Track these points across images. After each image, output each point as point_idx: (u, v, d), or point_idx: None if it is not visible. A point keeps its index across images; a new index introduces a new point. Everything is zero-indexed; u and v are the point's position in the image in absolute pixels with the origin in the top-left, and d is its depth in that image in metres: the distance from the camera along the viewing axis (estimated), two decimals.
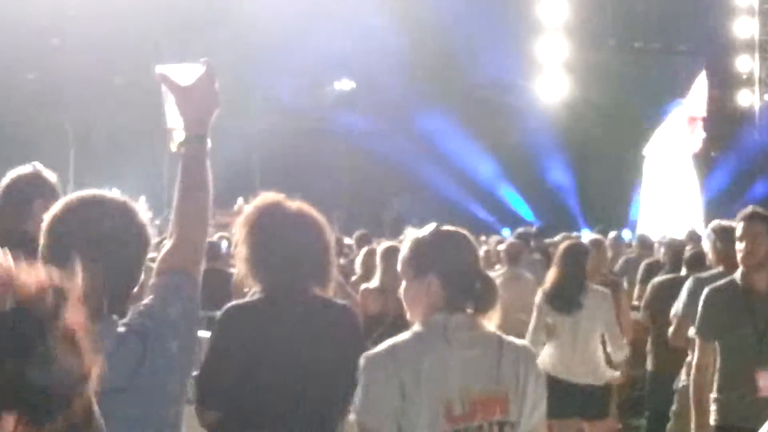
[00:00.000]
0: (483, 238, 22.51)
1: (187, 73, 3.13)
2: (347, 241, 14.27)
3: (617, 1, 32.71)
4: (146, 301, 2.86)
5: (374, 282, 8.18)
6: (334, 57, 31.80)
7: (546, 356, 8.32)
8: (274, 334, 4.13)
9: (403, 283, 3.79)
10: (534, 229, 16.60)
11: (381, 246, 8.60)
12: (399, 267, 3.83)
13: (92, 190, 2.88)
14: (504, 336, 3.72)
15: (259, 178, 33.51)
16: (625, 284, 11.15)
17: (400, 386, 3.52)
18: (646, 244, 13.93)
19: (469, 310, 3.66)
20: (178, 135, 3.13)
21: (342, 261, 10.73)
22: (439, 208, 28.65)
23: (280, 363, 4.12)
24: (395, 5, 29.44)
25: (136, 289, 2.88)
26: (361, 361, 3.61)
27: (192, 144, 3.09)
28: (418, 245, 3.77)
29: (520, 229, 14.85)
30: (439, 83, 30.89)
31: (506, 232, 27.61)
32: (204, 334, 4.78)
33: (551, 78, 32.85)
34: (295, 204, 4.38)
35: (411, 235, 3.88)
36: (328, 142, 32.73)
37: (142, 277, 2.89)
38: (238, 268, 4.38)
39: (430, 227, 3.84)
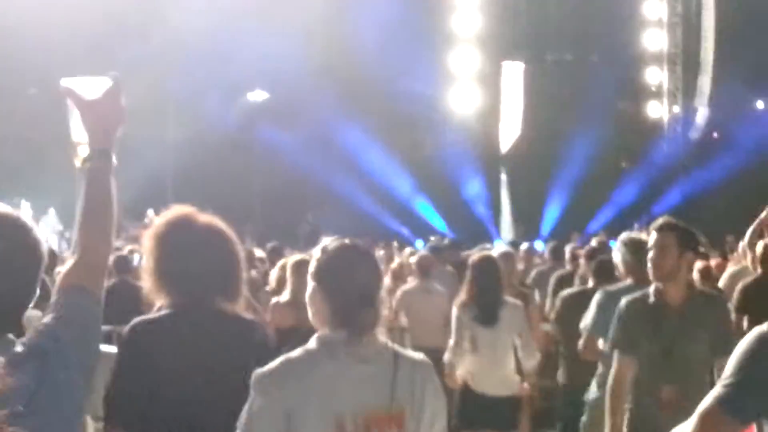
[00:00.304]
0: (395, 244, 22.61)
1: (93, 86, 3.08)
2: (258, 253, 14.19)
3: (529, 13, 32.97)
4: (46, 319, 2.80)
5: (285, 295, 8.13)
6: (247, 67, 31.68)
7: (464, 368, 8.37)
8: (180, 350, 4.09)
9: (308, 294, 3.75)
10: (446, 241, 16.65)
11: (291, 259, 8.55)
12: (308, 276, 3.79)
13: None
14: (400, 350, 3.68)
15: (172, 190, 33.24)
16: (537, 296, 11.20)
17: (284, 406, 3.47)
18: (557, 255, 13.95)
19: (365, 327, 3.61)
20: (83, 150, 3.08)
21: (253, 273, 10.68)
22: (354, 220, 28.63)
23: (187, 379, 4.08)
24: (309, 15, 29.40)
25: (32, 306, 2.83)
26: (252, 377, 3.58)
27: (96, 159, 3.03)
28: (319, 259, 3.73)
29: (432, 242, 14.90)
30: (354, 95, 30.87)
31: (420, 244, 27.73)
32: (111, 348, 4.72)
33: (465, 90, 33.02)
34: (205, 217, 4.34)
35: (320, 247, 3.86)
36: (242, 153, 32.61)
37: (38, 293, 2.84)
38: (145, 282, 4.32)
39: (335, 241, 3.82)
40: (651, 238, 6.20)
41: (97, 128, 3.05)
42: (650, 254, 6.15)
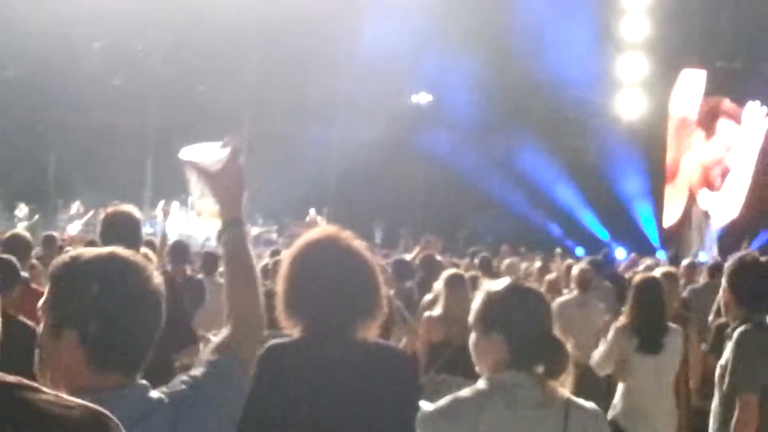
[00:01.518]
0: (558, 250, 22.37)
1: (211, 153, 3.12)
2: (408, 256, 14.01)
3: (701, 20, 32.35)
4: (194, 371, 2.84)
5: (437, 309, 8.09)
6: (412, 70, 31.86)
7: (622, 400, 8.05)
8: (313, 377, 3.96)
9: (472, 337, 3.68)
10: (604, 253, 16.31)
11: (444, 273, 8.51)
12: (470, 320, 3.70)
13: (108, 249, 2.79)
14: (572, 397, 3.60)
15: (335, 189, 33.65)
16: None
17: None
18: (715, 273, 13.36)
19: (538, 371, 3.55)
20: (203, 204, 3.14)
21: (408, 285, 10.67)
22: (514, 225, 28.53)
23: (320, 408, 3.98)
24: (476, 20, 29.41)
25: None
26: (417, 418, 3.55)
27: (231, 228, 3.08)
28: (489, 300, 3.65)
29: (591, 257, 14.60)
30: (517, 100, 30.79)
31: (580, 251, 27.47)
32: None
33: (631, 96, 32.62)
34: (345, 240, 4.20)
35: (485, 287, 3.79)
36: (405, 155, 32.77)
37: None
38: (278, 307, 4.06)
39: (504, 282, 3.71)
40: None
41: (225, 199, 3.10)
42: None
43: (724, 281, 6.27)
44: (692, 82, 31.76)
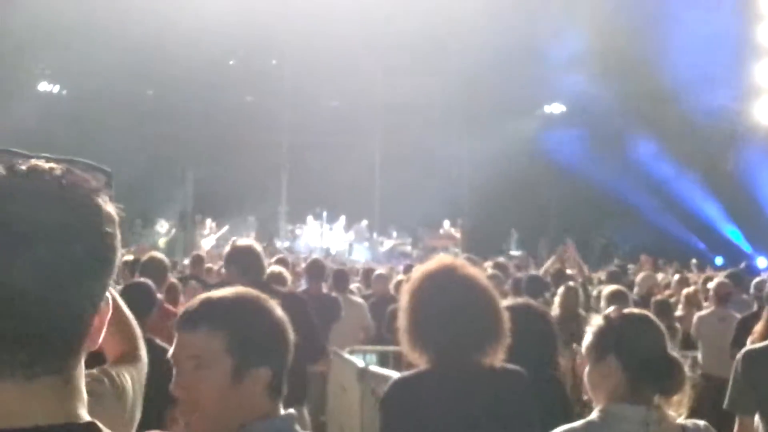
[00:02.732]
0: (694, 261, 22.00)
1: None
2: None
3: None
4: None
5: None
6: (545, 79, 31.66)
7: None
8: (443, 408, 3.90)
9: (587, 367, 3.61)
10: (744, 267, 15.98)
11: (607, 288, 8.50)
12: (583, 350, 3.65)
13: (235, 288, 2.80)
14: (686, 425, 3.48)
15: (468, 201, 33.59)
16: None
17: None
18: None
19: (655, 398, 3.45)
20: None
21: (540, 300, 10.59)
22: (650, 235, 28.12)
23: None
24: (609, 28, 29.09)
25: None
26: None
27: None
28: (601, 328, 3.58)
29: (732, 270, 14.29)
30: (651, 109, 30.32)
31: (720, 260, 26.95)
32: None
33: None
34: (464, 269, 4.15)
35: (603, 316, 3.70)
36: (537, 166, 32.58)
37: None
38: (401, 340, 4.09)
39: (614, 310, 3.64)
40: None
41: None
42: None
43: None
44: None
